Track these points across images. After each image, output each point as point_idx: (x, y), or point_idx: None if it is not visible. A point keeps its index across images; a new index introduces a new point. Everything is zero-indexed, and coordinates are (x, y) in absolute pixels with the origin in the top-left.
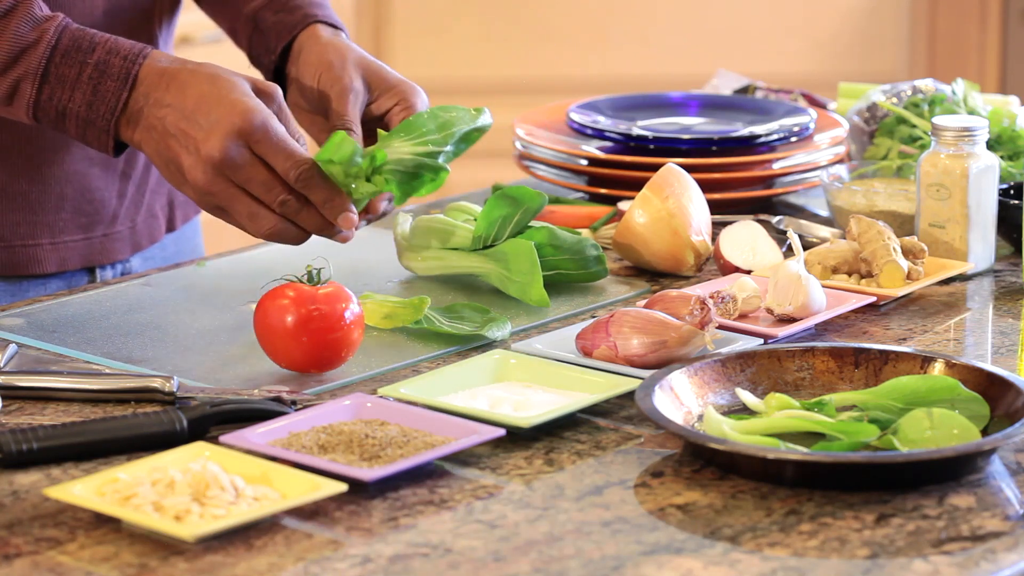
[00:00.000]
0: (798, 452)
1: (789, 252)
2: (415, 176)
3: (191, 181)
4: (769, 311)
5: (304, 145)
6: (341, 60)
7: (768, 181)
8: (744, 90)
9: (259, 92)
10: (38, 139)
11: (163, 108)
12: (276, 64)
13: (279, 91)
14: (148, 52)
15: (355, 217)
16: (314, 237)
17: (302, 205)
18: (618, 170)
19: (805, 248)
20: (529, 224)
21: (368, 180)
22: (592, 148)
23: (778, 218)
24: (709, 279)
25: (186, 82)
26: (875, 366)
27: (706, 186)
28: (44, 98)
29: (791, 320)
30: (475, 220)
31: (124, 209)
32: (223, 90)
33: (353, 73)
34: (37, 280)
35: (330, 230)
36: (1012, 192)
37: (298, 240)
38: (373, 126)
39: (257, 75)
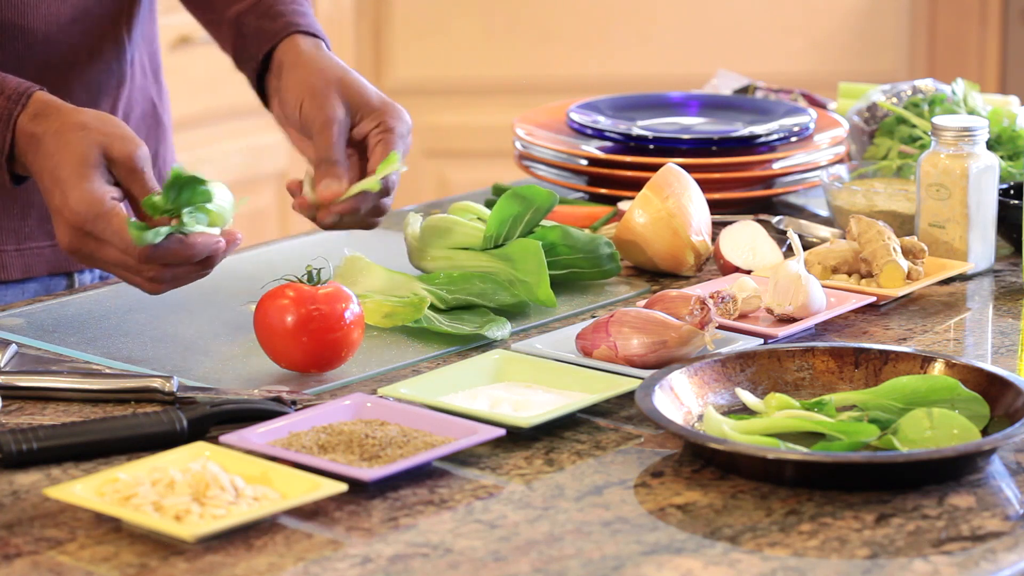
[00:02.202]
0: (798, 452)
1: (789, 252)
2: (193, 184)
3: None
4: (769, 311)
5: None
6: (323, 85)
7: (768, 181)
8: (744, 90)
9: (110, 159)
10: None
11: (35, 175)
12: (259, 71)
13: (135, 151)
14: (32, 93)
15: (222, 244)
16: (314, 237)
17: (168, 268)
18: (618, 170)
19: (805, 248)
20: (540, 223)
21: (178, 217)
22: (592, 148)
23: (778, 218)
24: (709, 279)
25: (44, 152)
26: (875, 366)
27: (706, 186)
28: None
29: (791, 320)
30: (478, 219)
31: None
32: (60, 172)
33: (335, 102)
34: (14, 284)
35: (210, 265)
36: (1012, 192)
37: (190, 281)
38: (354, 149)
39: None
